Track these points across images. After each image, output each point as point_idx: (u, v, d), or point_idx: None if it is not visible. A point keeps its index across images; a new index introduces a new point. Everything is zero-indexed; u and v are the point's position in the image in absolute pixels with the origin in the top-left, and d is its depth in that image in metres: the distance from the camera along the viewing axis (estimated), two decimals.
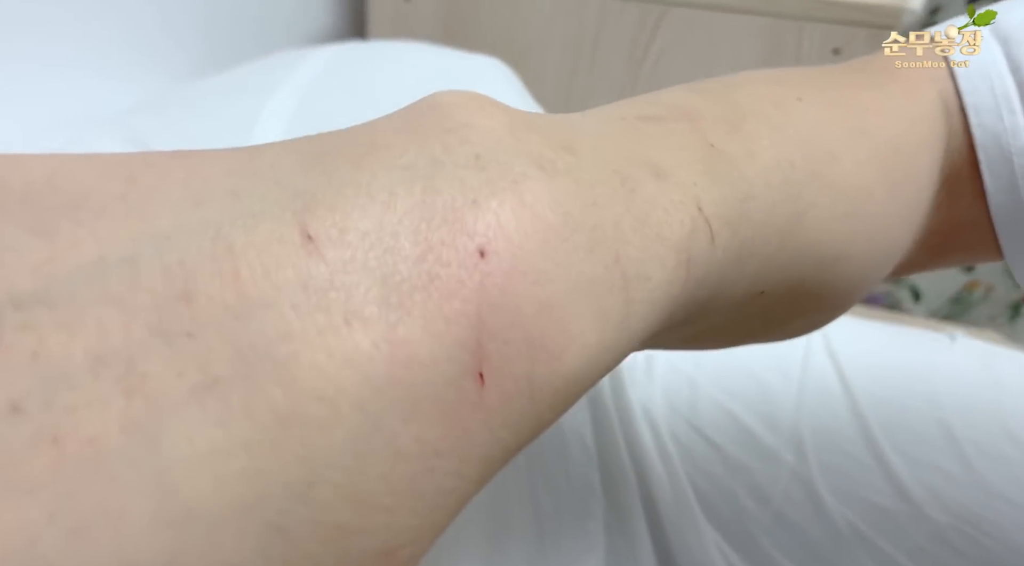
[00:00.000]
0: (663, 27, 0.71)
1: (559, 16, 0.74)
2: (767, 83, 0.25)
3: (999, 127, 0.27)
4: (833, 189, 0.22)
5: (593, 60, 0.75)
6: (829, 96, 0.25)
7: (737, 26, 0.69)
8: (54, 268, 0.11)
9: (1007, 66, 0.27)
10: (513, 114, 0.16)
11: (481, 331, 0.12)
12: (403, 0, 0.78)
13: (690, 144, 0.19)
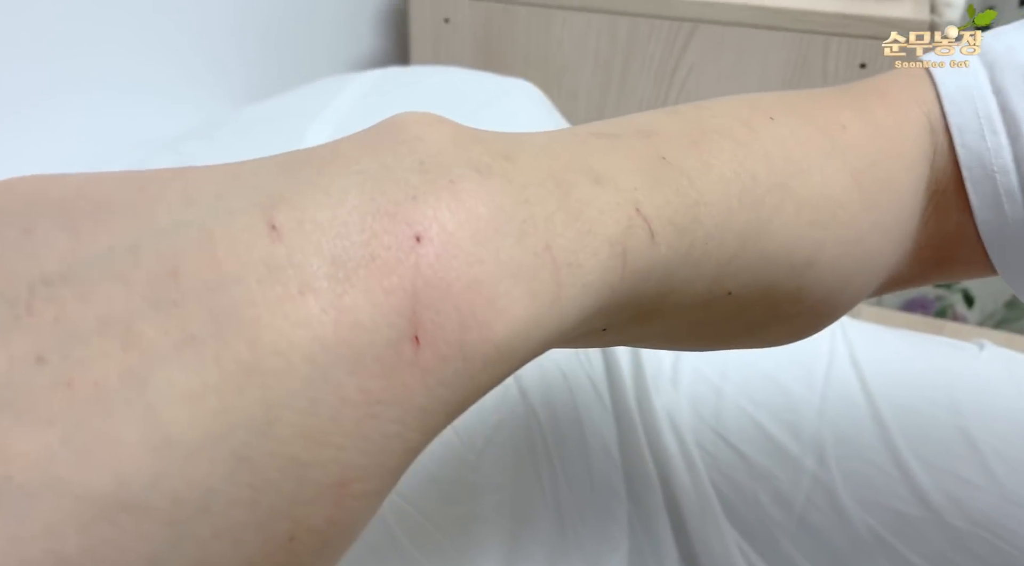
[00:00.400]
0: (692, 44, 0.73)
1: (591, 35, 0.76)
2: (741, 105, 0.26)
3: (982, 147, 0.28)
4: (798, 199, 0.23)
5: (624, 78, 0.77)
6: (805, 116, 0.26)
7: (765, 41, 0.70)
8: (76, 255, 0.15)
9: (991, 89, 0.28)
10: (460, 129, 0.19)
11: (416, 302, 0.15)
12: (443, 21, 0.81)
13: (638, 156, 0.21)
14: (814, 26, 0.68)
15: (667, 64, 0.75)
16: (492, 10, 0.78)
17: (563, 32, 0.77)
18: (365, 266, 0.15)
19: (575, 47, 0.78)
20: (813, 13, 0.68)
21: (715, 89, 0.74)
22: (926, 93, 0.28)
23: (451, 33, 0.81)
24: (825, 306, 0.25)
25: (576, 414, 0.45)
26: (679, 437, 0.46)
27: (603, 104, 0.79)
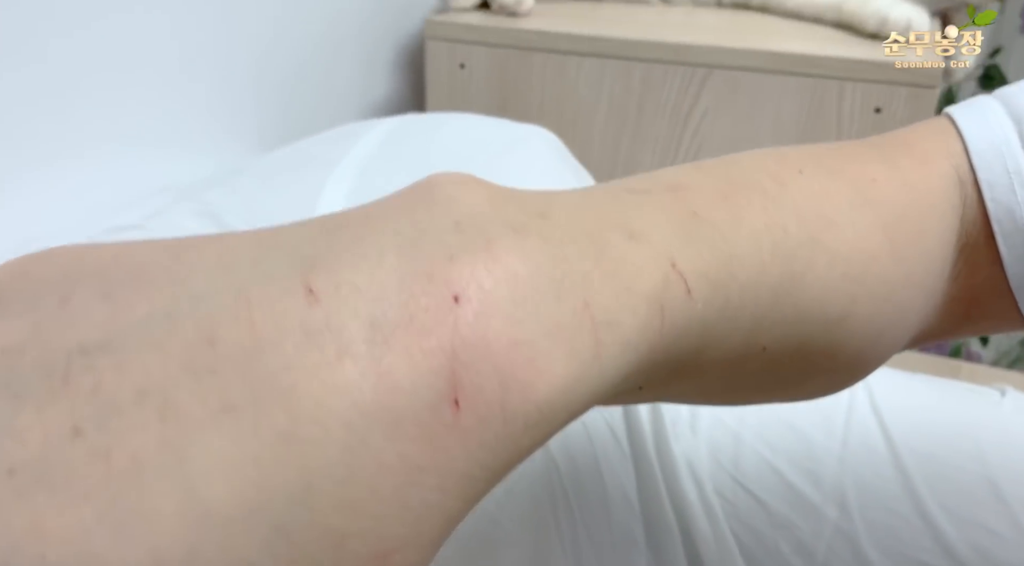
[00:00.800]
0: (706, 89, 0.74)
1: (605, 81, 0.77)
2: (769, 159, 0.26)
3: (1012, 201, 0.28)
4: (831, 252, 0.23)
5: (639, 122, 0.78)
6: (834, 169, 0.27)
7: (779, 86, 0.71)
8: (114, 324, 0.15)
9: (1019, 143, 0.28)
10: (494, 189, 0.19)
11: (456, 363, 0.15)
12: (459, 67, 0.82)
13: (671, 211, 0.21)
14: (828, 71, 0.69)
15: (681, 108, 0.76)
16: (507, 56, 0.80)
17: (578, 77, 0.78)
18: (404, 328, 0.15)
19: (590, 92, 0.79)
20: (827, 59, 0.68)
21: (730, 133, 0.75)
22: (953, 146, 0.29)
23: (467, 78, 0.82)
24: (858, 361, 0.25)
25: (595, 461, 0.44)
26: (698, 484, 0.46)
27: (617, 148, 0.80)
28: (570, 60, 0.78)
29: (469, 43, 0.80)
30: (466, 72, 0.82)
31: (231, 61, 0.68)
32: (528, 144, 0.58)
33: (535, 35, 0.78)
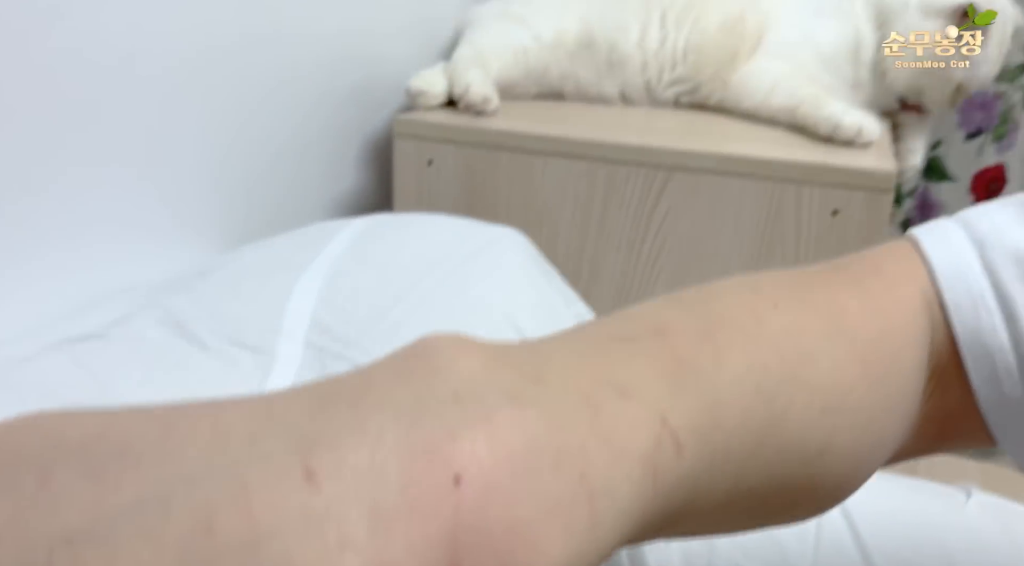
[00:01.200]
0: (668, 190, 0.76)
1: (571, 180, 0.79)
2: (744, 291, 0.27)
3: (977, 325, 0.29)
4: (810, 388, 0.24)
5: (603, 220, 0.79)
6: (806, 300, 0.28)
7: (739, 189, 0.73)
8: (100, 509, 0.14)
9: (981, 268, 0.29)
10: (490, 351, 0.19)
11: (457, 550, 0.15)
12: (427, 164, 0.84)
13: (659, 360, 0.21)
14: (786, 175, 0.71)
15: (644, 208, 0.77)
16: (475, 155, 0.81)
17: (544, 176, 0.80)
18: (406, 515, 0.15)
19: (556, 191, 0.80)
20: (784, 163, 0.71)
21: (691, 233, 0.76)
22: (919, 269, 0.30)
23: (434, 175, 0.84)
24: (839, 489, 0.26)
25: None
26: None
27: (583, 245, 0.81)
28: (536, 159, 0.80)
29: (437, 141, 0.82)
30: (434, 169, 0.83)
31: (196, 154, 0.68)
32: (498, 246, 0.58)
33: (502, 135, 0.80)
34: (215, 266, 0.55)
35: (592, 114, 0.92)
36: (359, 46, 0.87)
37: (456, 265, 0.54)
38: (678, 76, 0.94)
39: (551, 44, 0.94)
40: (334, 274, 0.51)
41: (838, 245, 0.72)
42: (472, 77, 0.85)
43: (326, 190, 0.87)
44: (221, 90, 0.69)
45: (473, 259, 0.56)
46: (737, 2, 0.92)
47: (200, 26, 0.65)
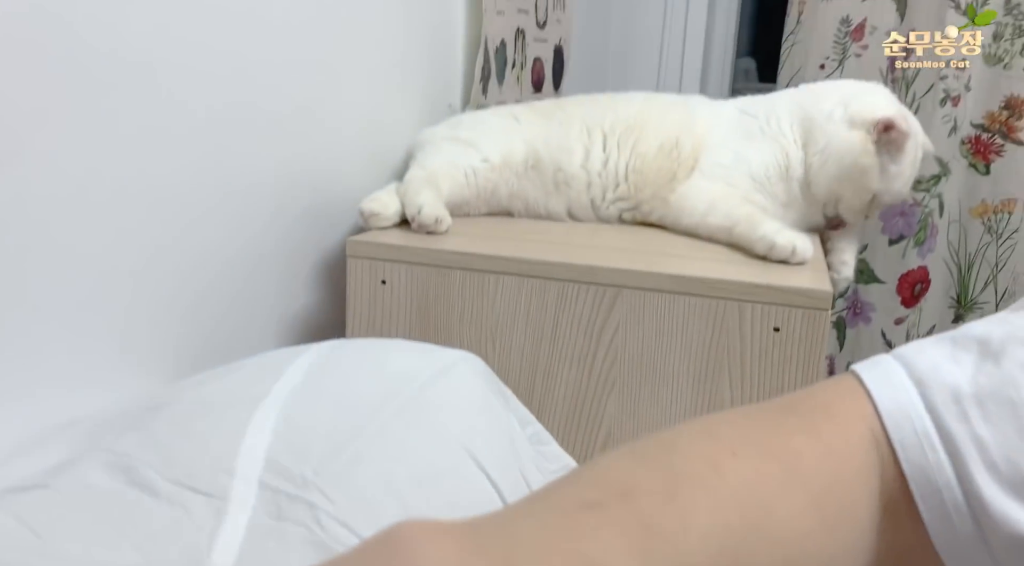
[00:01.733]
0: (617, 306, 0.78)
1: (522, 297, 0.81)
2: (702, 440, 0.29)
3: (925, 463, 0.30)
4: (771, 540, 0.26)
5: (555, 336, 0.81)
6: (762, 446, 0.29)
7: (685, 306, 0.76)
8: None
9: (924, 407, 0.31)
10: (460, 539, 0.20)
11: None
12: (380, 283, 0.84)
13: (627, 530, 0.23)
14: (729, 293, 0.74)
15: (595, 324, 0.79)
16: (428, 273, 0.83)
17: (496, 294, 0.82)
18: None
19: (508, 307, 0.82)
20: (727, 282, 0.74)
21: (641, 349, 0.78)
22: (865, 408, 0.31)
23: (388, 294, 0.84)
24: None
25: None
26: None
27: (536, 360, 0.82)
28: (488, 277, 0.81)
29: (390, 261, 0.83)
30: (387, 288, 0.84)
31: (145, 279, 0.68)
32: (454, 372, 0.59)
33: (455, 255, 0.82)
34: (165, 400, 0.54)
35: (541, 230, 0.95)
36: (312, 167, 0.89)
37: (412, 394, 0.54)
38: (620, 195, 0.98)
39: (499, 165, 0.97)
40: (289, 408, 0.50)
41: (781, 360, 0.74)
42: (424, 198, 0.87)
43: (279, 311, 0.87)
44: (171, 214, 0.69)
45: (429, 387, 0.56)
46: (673, 126, 0.98)
47: (150, 150, 0.66)
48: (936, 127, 1.74)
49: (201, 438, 0.47)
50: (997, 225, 1.78)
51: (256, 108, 0.78)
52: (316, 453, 0.47)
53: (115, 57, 0.61)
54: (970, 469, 0.29)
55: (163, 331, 0.70)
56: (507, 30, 1.31)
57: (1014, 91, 1.70)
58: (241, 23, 0.74)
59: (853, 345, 1.93)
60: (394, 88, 1.05)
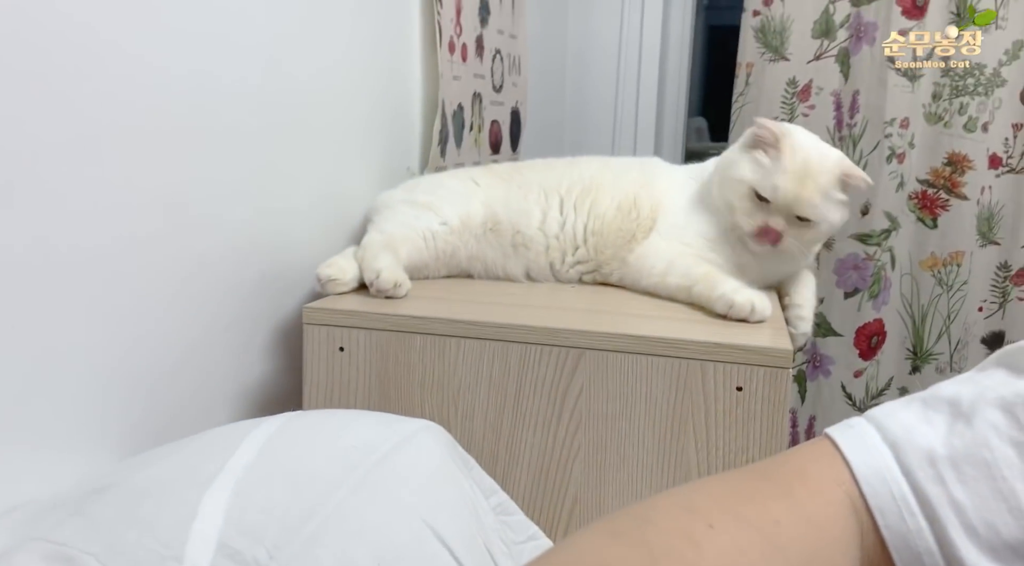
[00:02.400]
0: (580, 368, 0.77)
1: (485, 361, 0.80)
2: (679, 513, 0.28)
3: (904, 529, 0.30)
4: None
5: (518, 399, 0.79)
6: (740, 516, 0.28)
7: (648, 366, 0.75)
8: None
9: (899, 471, 0.30)
10: None
11: None
12: (337, 349, 0.83)
13: None
14: (691, 353, 0.74)
15: (558, 387, 0.78)
16: (387, 339, 0.81)
17: (458, 358, 0.80)
18: None
19: (470, 372, 0.80)
20: (689, 342, 0.74)
21: (605, 409, 0.77)
22: (841, 473, 0.31)
23: (346, 360, 0.82)
24: None
25: None
26: None
27: (499, 424, 0.80)
28: (449, 341, 0.80)
29: (348, 327, 0.82)
30: (345, 355, 0.82)
31: (93, 350, 0.65)
32: (416, 442, 0.57)
33: (414, 320, 0.81)
34: (109, 481, 0.51)
35: (500, 291, 0.94)
36: (267, 233, 0.88)
37: (371, 468, 0.52)
38: (580, 258, 0.99)
39: (458, 228, 0.97)
40: (242, 487, 0.48)
41: (745, 418, 0.74)
42: (382, 263, 0.86)
43: (232, 382, 0.84)
44: (120, 283, 0.67)
45: (389, 459, 0.54)
46: (631, 186, 0.99)
47: (103, 220, 0.65)
48: (884, 182, 1.80)
49: (147, 523, 0.44)
50: (947, 277, 1.83)
51: (212, 174, 0.77)
52: (272, 535, 0.45)
53: (61, 132, 0.60)
54: (950, 534, 0.29)
55: (109, 406, 0.67)
56: (464, 94, 1.32)
57: (955, 148, 1.77)
58: (195, 89, 0.73)
59: (814, 398, 1.95)
60: (352, 152, 1.05)
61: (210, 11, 0.75)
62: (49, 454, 0.61)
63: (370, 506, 0.50)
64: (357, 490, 0.50)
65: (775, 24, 1.83)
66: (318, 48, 0.94)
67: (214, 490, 0.47)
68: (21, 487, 0.57)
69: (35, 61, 0.57)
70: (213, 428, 0.59)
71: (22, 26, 0.55)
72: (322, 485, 0.49)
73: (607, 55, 2.08)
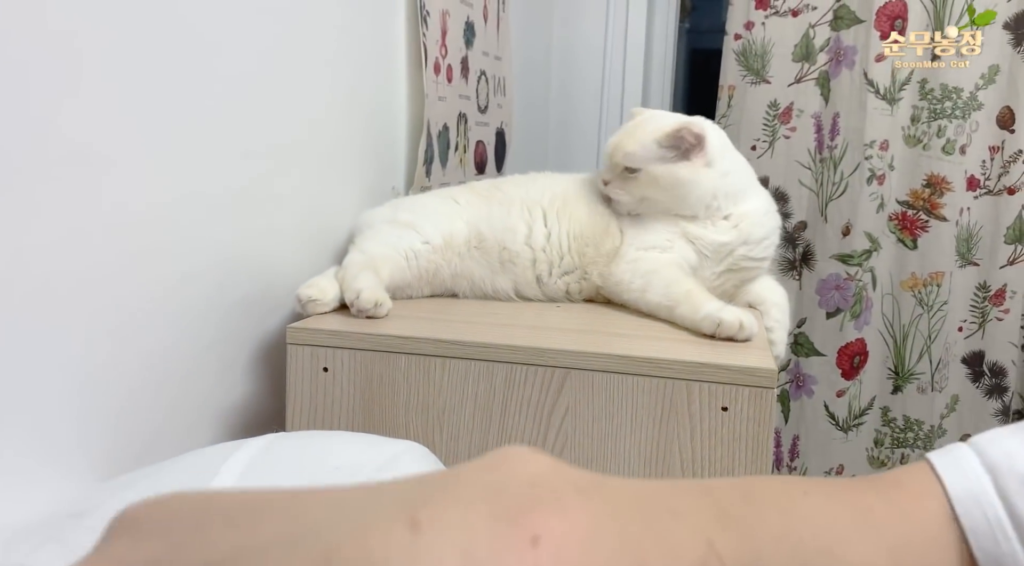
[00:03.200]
0: (566, 388, 0.77)
1: (470, 381, 0.79)
2: (775, 482, 0.29)
3: (998, 552, 0.30)
4: (844, 564, 0.27)
5: (504, 419, 0.79)
6: (833, 495, 0.30)
7: (633, 385, 0.75)
8: (239, 547, 0.20)
9: (996, 494, 0.30)
10: (556, 461, 0.23)
11: None
12: (321, 370, 0.82)
13: (704, 503, 0.25)
14: (676, 373, 0.74)
15: (544, 407, 0.78)
16: (372, 359, 0.81)
17: (443, 377, 0.80)
18: (492, 561, 0.19)
19: (455, 392, 0.80)
20: (674, 362, 0.74)
21: (591, 429, 0.77)
22: (937, 490, 0.31)
23: (330, 381, 0.82)
24: None
25: None
26: None
27: (485, 444, 0.80)
28: (434, 361, 0.80)
29: (332, 347, 0.81)
30: (329, 376, 0.82)
31: (72, 369, 0.64)
32: (400, 463, 0.56)
33: (399, 340, 0.80)
34: (88, 505, 0.50)
35: (487, 310, 0.94)
36: (250, 253, 0.87)
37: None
38: (566, 267, 0.99)
39: (441, 247, 0.97)
40: None
41: (731, 438, 0.74)
42: (363, 282, 0.86)
43: (214, 403, 0.83)
44: (100, 304, 0.66)
45: (378, 477, 0.53)
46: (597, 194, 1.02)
47: (84, 239, 0.64)
48: (865, 204, 1.82)
49: None
50: (927, 297, 1.85)
51: (195, 194, 0.76)
52: None
53: (46, 148, 0.59)
54: None
55: (88, 426, 0.66)
56: (450, 114, 1.33)
57: (934, 170, 1.79)
58: (178, 108, 0.73)
59: (798, 417, 1.96)
60: (337, 171, 1.05)
61: (194, 31, 0.75)
62: (26, 477, 0.60)
63: None
64: None
65: (756, 47, 1.86)
66: (304, 68, 0.94)
67: None
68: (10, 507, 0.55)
69: (16, 76, 0.56)
70: (195, 449, 0.58)
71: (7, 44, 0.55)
72: None
73: (591, 76, 2.10)
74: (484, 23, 1.48)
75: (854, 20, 1.78)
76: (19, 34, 0.56)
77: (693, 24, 3.38)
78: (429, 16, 1.21)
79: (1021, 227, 1.79)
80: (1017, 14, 1.72)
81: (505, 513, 0.20)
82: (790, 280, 1.92)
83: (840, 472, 1.94)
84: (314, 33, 0.96)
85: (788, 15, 1.83)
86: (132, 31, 0.66)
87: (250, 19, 0.83)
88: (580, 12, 2.08)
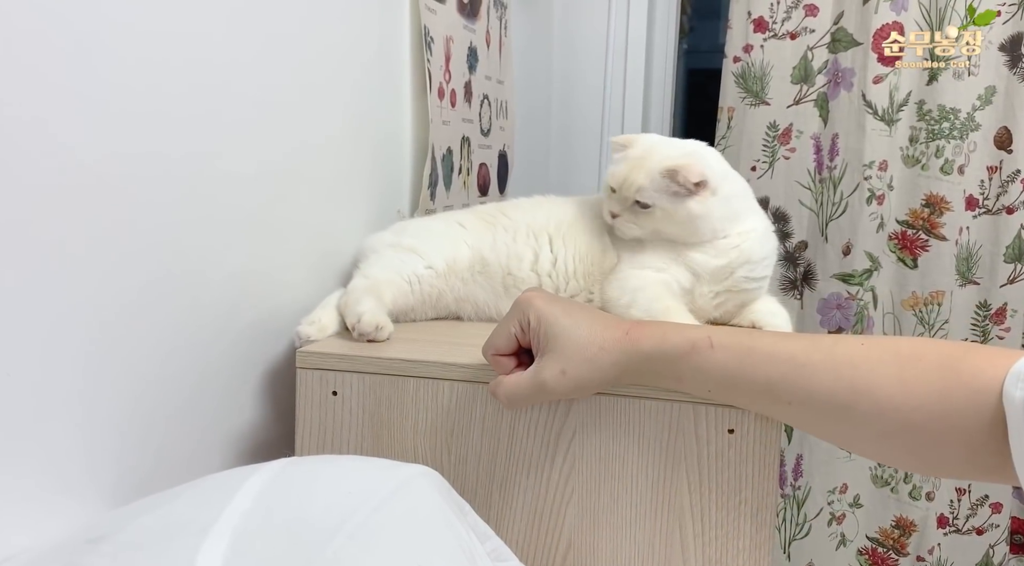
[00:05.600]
0: (573, 411, 0.78)
1: (478, 402, 0.80)
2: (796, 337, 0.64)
3: None
4: (836, 354, 0.59)
5: (512, 442, 0.80)
6: (878, 342, 0.57)
7: (640, 408, 0.76)
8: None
9: None
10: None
11: (626, 341, 0.70)
12: (331, 394, 0.82)
13: None
14: (683, 396, 0.74)
15: (552, 429, 0.78)
16: (381, 382, 0.81)
17: (451, 400, 0.80)
18: (611, 337, 0.69)
19: (463, 414, 0.80)
20: None
21: (599, 451, 0.78)
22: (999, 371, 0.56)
23: (339, 404, 0.82)
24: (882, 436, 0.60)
25: None
26: None
27: (493, 469, 0.80)
28: (443, 385, 0.80)
29: (342, 371, 0.82)
30: (338, 399, 0.82)
31: (82, 396, 0.65)
32: (411, 488, 0.57)
33: (408, 363, 0.81)
34: (102, 531, 0.50)
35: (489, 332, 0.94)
36: (259, 278, 0.88)
37: (368, 516, 0.52)
38: (572, 291, 0.99)
39: (444, 272, 0.98)
40: (240, 537, 0.47)
41: (737, 461, 0.74)
42: (364, 306, 0.86)
43: (224, 427, 0.84)
44: (111, 329, 0.67)
45: (386, 505, 0.54)
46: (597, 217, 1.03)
47: (95, 266, 0.65)
48: (865, 223, 1.83)
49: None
50: (928, 316, 1.85)
51: (206, 220, 0.77)
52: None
53: (55, 177, 0.60)
54: None
55: (100, 453, 0.66)
56: (453, 138, 1.35)
57: (932, 190, 1.81)
58: (190, 135, 0.74)
59: (801, 437, 1.96)
60: (343, 196, 1.06)
61: (206, 61, 0.76)
62: (40, 504, 0.61)
63: (367, 554, 0.49)
64: (354, 537, 0.50)
65: (755, 70, 1.88)
66: (312, 95, 0.96)
67: (211, 540, 0.47)
68: (11, 538, 0.56)
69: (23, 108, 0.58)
70: (207, 475, 0.58)
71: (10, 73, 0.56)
72: (319, 534, 0.49)
73: (591, 99, 2.12)
74: (487, 48, 1.50)
75: (851, 43, 1.81)
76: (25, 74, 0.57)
77: (691, 44, 3.41)
78: (433, 42, 1.23)
79: (1020, 246, 1.80)
80: (1012, 36, 1.74)
81: (609, 321, 0.72)
82: (791, 300, 1.93)
83: (844, 491, 1.93)
84: (322, 59, 0.97)
85: (786, 38, 1.85)
86: (146, 55, 0.68)
87: (260, 47, 0.84)
88: (579, 33, 2.11)
